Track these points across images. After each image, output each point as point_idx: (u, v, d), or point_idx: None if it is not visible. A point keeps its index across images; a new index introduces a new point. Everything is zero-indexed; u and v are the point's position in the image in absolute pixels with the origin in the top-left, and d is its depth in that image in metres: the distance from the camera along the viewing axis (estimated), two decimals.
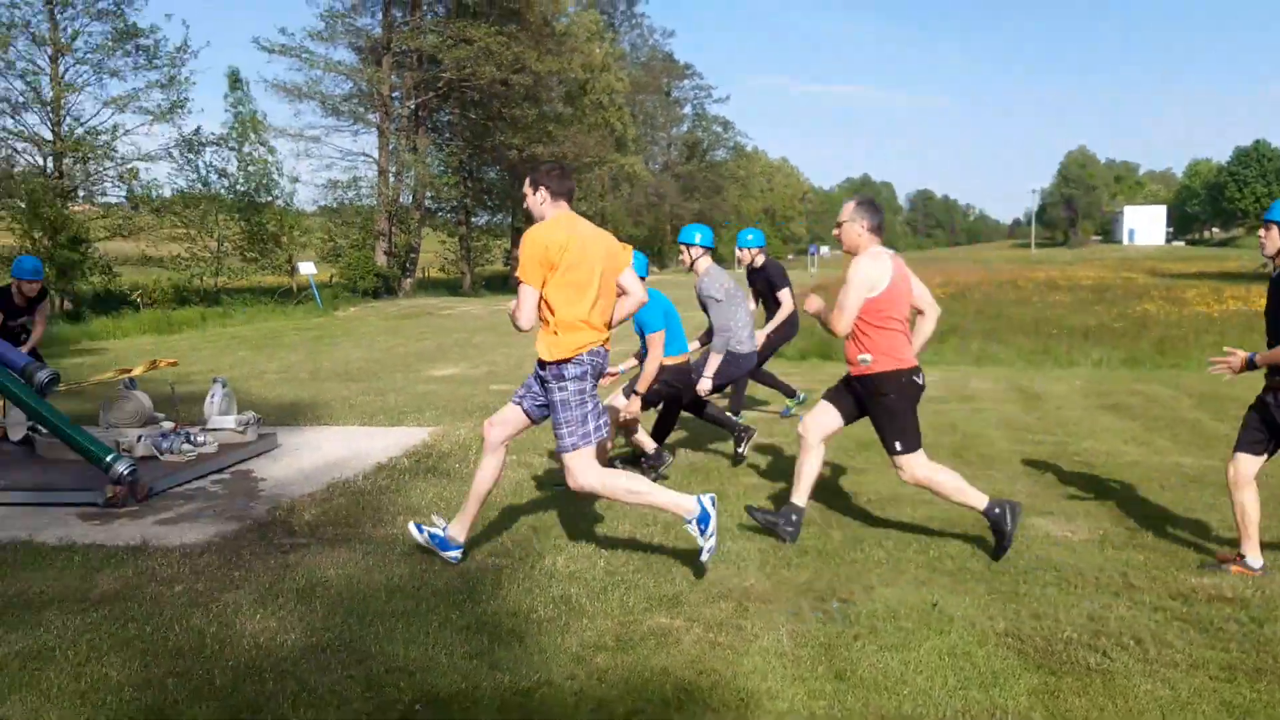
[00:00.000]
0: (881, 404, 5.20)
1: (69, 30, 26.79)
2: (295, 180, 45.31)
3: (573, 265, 4.68)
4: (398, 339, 19.40)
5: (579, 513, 6.02)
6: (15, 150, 26.67)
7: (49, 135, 26.83)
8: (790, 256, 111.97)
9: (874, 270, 5.10)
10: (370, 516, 5.99)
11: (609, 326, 4.92)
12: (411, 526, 5.20)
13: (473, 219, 41.73)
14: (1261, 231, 4.92)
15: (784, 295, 9.21)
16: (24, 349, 8.12)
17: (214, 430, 7.87)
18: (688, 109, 78.14)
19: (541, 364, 4.77)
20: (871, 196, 5.81)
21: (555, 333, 4.71)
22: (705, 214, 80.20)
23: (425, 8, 34.81)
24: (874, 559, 5.18)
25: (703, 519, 4.64)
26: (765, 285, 9.37)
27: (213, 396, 8.14)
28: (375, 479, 6.96)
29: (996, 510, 5.07)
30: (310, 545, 5.39)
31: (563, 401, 4.74)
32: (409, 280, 36.06)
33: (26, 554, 5.21)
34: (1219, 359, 4.96)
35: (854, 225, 5.20)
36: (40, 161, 26.99)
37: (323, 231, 35.24)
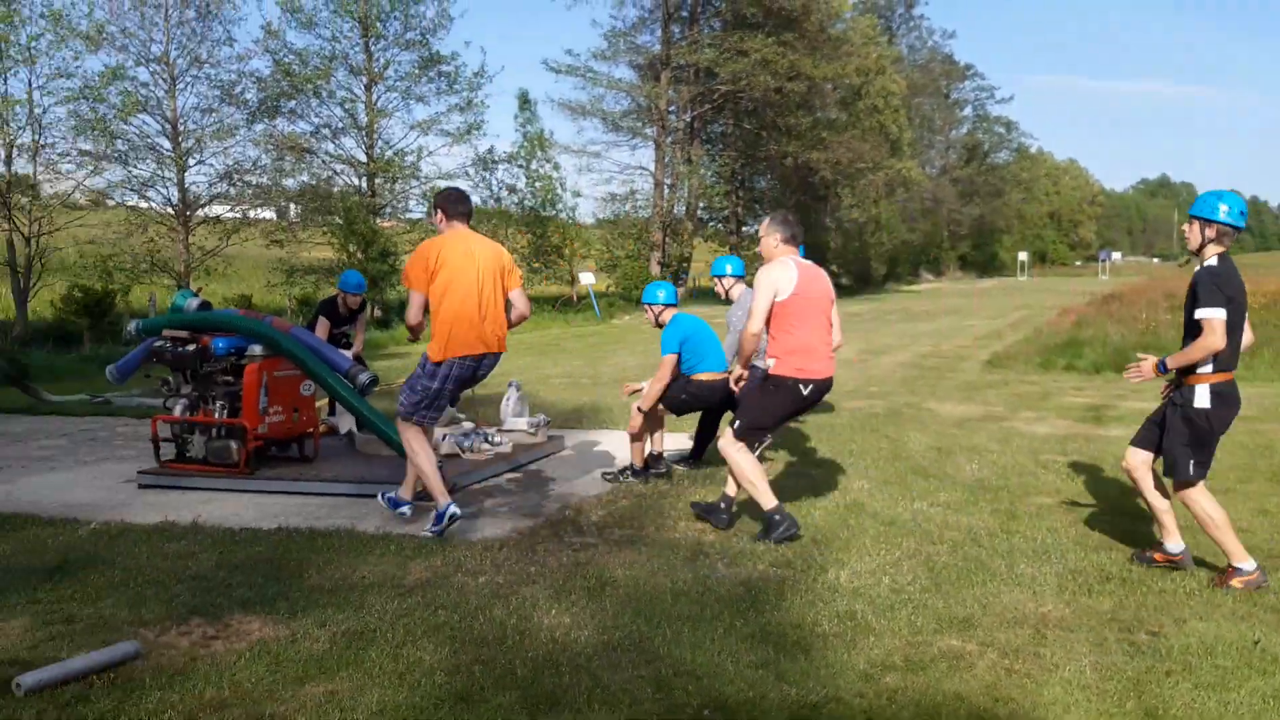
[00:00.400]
0: (756, 391, 5.80)
1: (381, 60, 29.33)
2: (577, 195, 47.43)
3: (453, 276, 5.67)
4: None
5: (860, 526, 5.92)
6: (335, 171, 29.46)
7: (363, 157, 29.48)
8: (1078, 263, 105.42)
9: (779, 276, 5.57)
10: (653, 519, 6.15)
11: (498, 338, 5.89)
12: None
13: (743, 228, 42.07)
14: (1185, 226, 4.98)
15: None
16: (349, 354, 8.92)
17: (508, 431, 8.34)
18: (968, 110, 75.27)
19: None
20: (786, 212, 6.21)
21: (434, 334, 5.73)
22: (985, 219, 77.12)
23: (702, 22, 35.46)
24: (1185, 589, 4.78)
25: (440, 516, 5.68)
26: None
27: (508, 399, 8.64)
28: (655, 483, 7.14)
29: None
30: (598, 545, 5.59)
31: (412, 381, 5.86)
32: (681, 289, 36.80)
33: (350, 541, 5.70)
34: (1131, 366, 5.06)
35: (769, 238, 5.80)
36: (355, 181, 29.67)
37: (601, 243, 36.62)
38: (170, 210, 25.28)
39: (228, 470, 7.18)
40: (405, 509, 6.16)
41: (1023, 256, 77.79)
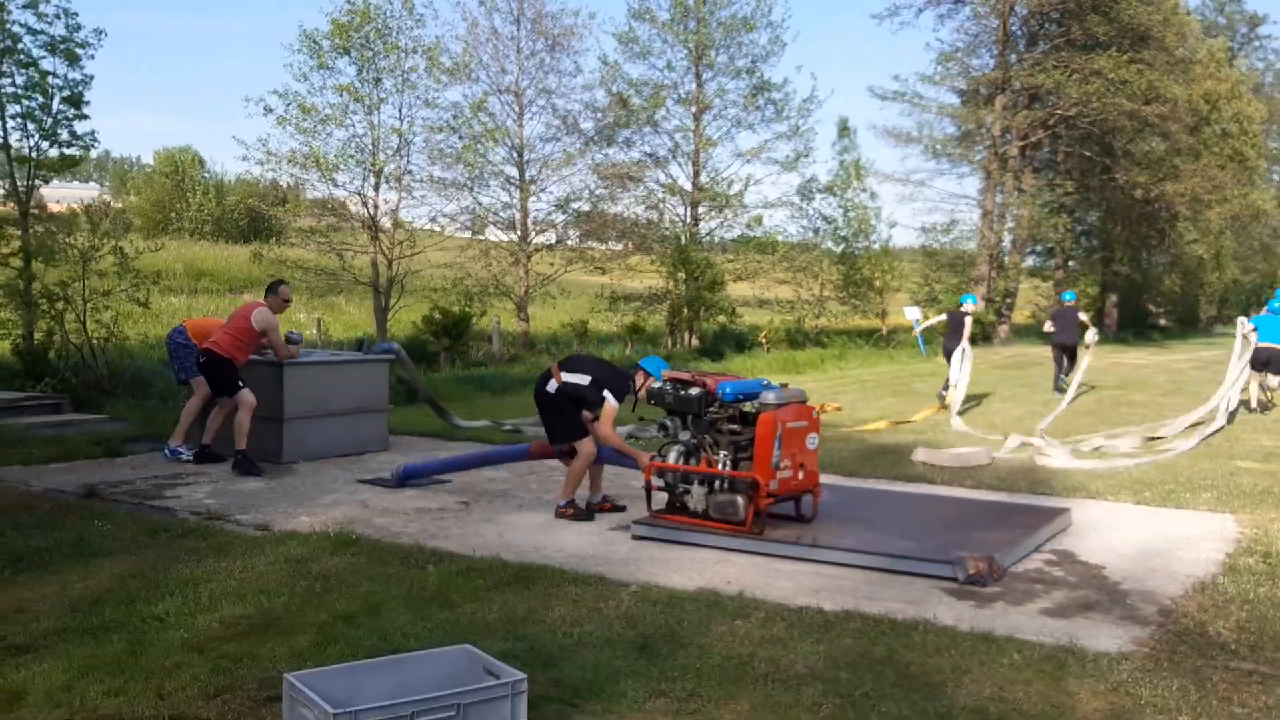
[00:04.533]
0: None
1: (711, 88, 29.18)
2: (893, 225, 45.90)
3: None
4: (1045, 392, 18.03)
5: None
6: (662, 200, 29.52)
7: (689, 186, 29.39)
8: None
9: None
10: None
11: None
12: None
13: (1069, 263, 39.13)
14: None
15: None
16: None
17: None
18: None
19: None
20: None
21: None
22: None
23: (1044, 42, 33.22)
24: None
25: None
26: None
27: None
28: (1248, 584, 5.85)
29: None
30: (1279, 676, 4.43)
31: None
32: (1004, 326, 34.52)
33: (951, 640, 4.84)
34: None
35: None
36: (682, 210, 29.63)
37: (919, 276, 34.96)
38: (513, 237, 26.01)
39: (732, 528, 6.52)
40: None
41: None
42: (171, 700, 4.05)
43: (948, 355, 15.20)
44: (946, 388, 14.83)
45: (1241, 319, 15.14)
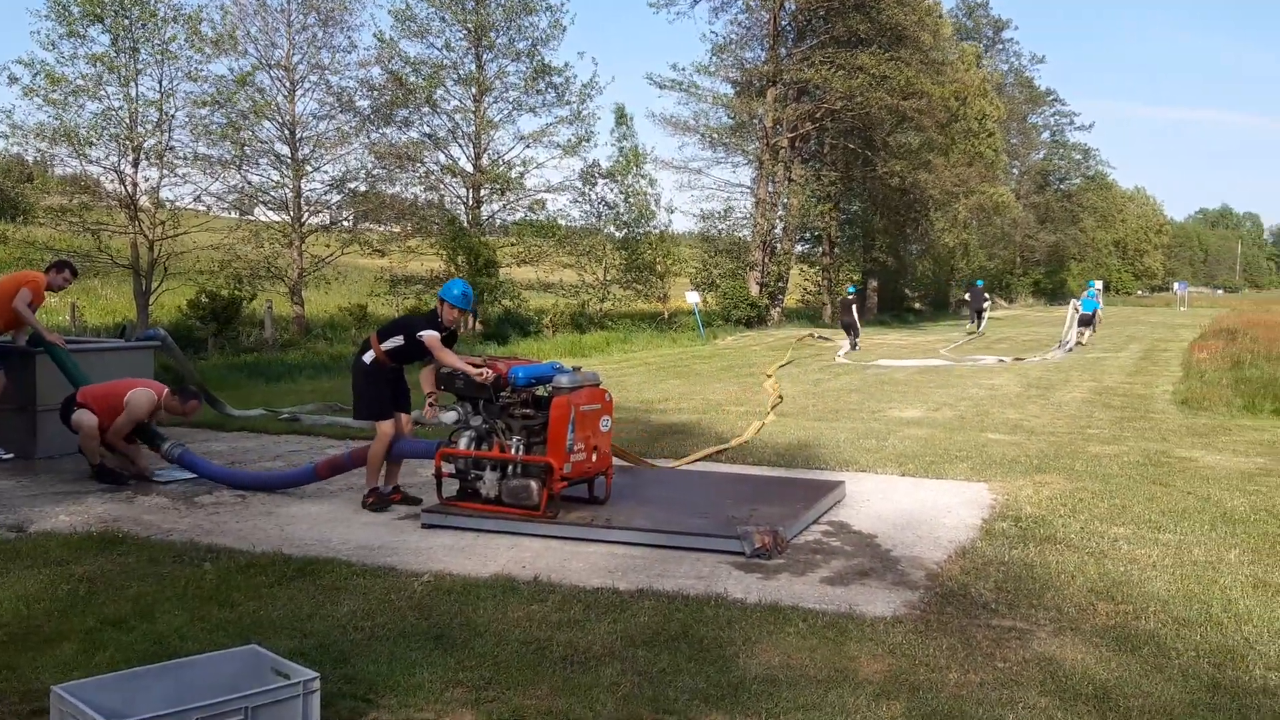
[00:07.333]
0: None
1: (491, 70, 28.86)
2: (671, 211, 46.80)
3: None
4: (816, 373, 18.98)
5: None
6: (442, 182, 28.99)
7: (470, 168, 29.00)
8: (1140, 292, 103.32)
9: None
10: (1054, 595, 5.37)
11: None
12: None
13: (835, 249, 41.23)
14: None
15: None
16: None
17: None
18: (1045, 136, 73.89)
19: None
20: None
21: None
22: (1059, 246, 75.56)
23: (810, 38, 34.73)
24: None
25: None
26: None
27: None
28: (1003, 546, 6.35)
29: None
30: (1033, 631, 4.83)
31: None
32: (777, 310, 36.02)
33: (741, 613, 5.00)
34: None
35: None
36: (463, 192, 29.20)
37: (696, 261, 35.93)
38: (286, 218, 24.90)
39: (525, 513, 6.50)
40: None
41: (1098, 285, 76.14)
42: None
43: (844, 327, 25.68)
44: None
45: (1074, 300, 28.27)
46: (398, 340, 7.12)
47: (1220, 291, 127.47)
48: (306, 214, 25.31)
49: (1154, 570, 5.82)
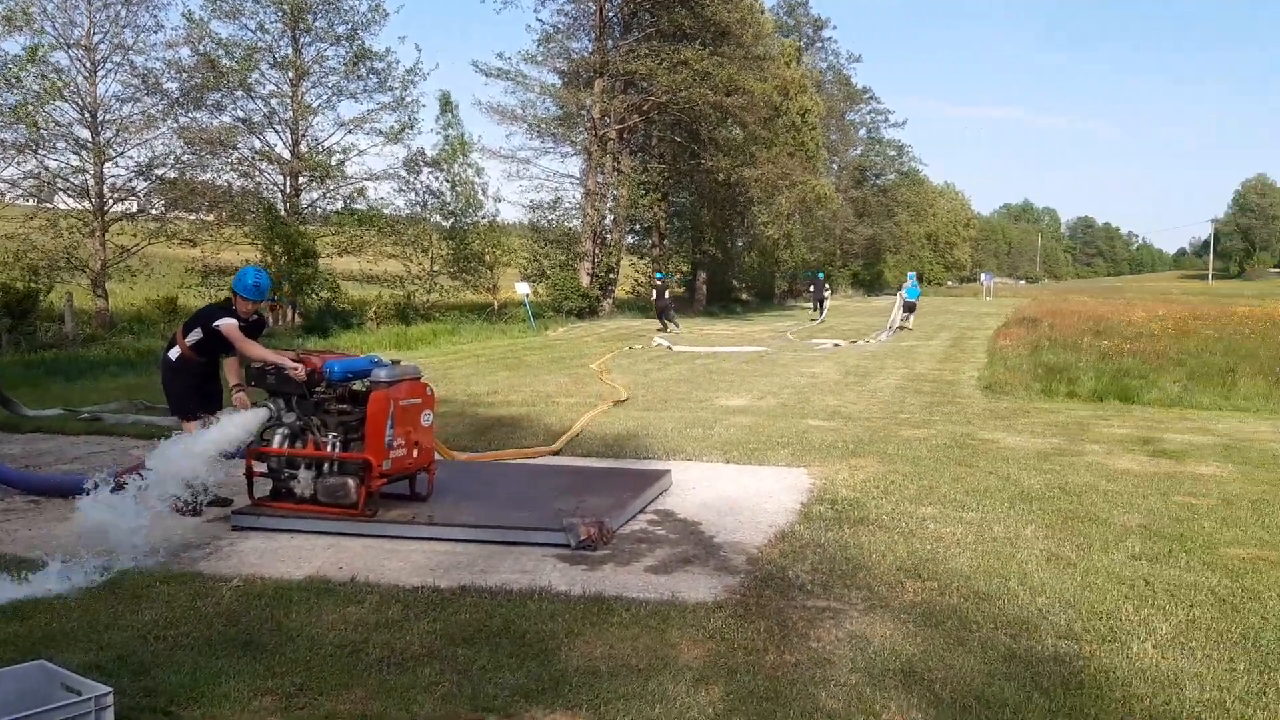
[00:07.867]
0: None
1: (309, 54, 27.87)
2: (499, 200, 46.30)
3: None
4: (646, 363, 19.17)
5: (1145, 596, 5.47)
6: (257, 169, 27.82)
7: (287, 155, 27.94)
8: (950, 283, 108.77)
9: None
10: (865, 575, 5.58)
11: None
12: None
13: (664, 240, 41.73)
14: None
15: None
16: None
17: None
18: (862, 132, 76.89)
19: None
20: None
21: None
22: (876, 239, 78.81)
23: (636, 31, 34.96)
24: None
25: None
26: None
27: None
28: (819, 529, 6.55)
29: None
30: (846, 610, 5.00)
31: None
32: (609, 301, 36.18)
33: (565, 606, 4.98)
34: None
35: None
36: (281, 179, 28.10)
37: (526, 252, 35.71)
38: (87, 205, 23.37)
39: (342, 511, 6.30)
40: None
41: (915, 276, 79.77)
42: None
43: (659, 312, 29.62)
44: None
45: (901, 291, 30.89)
46: (198, 333, 6.80)
47: (1023, 282, 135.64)
48: (110, 201, 23.83)
49: (958, 548, 6.12)
